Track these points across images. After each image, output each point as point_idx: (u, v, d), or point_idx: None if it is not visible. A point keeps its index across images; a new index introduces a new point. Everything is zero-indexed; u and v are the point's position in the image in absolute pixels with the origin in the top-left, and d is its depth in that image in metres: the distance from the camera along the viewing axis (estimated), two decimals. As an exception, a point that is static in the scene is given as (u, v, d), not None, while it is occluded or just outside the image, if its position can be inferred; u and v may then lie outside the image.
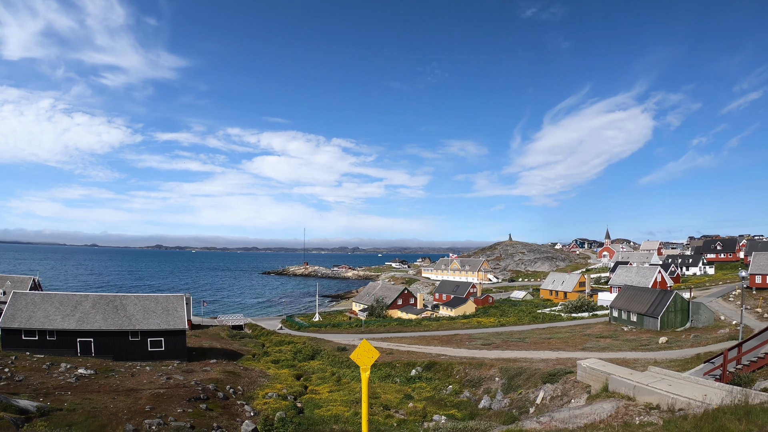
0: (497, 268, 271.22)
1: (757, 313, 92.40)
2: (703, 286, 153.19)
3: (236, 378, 56.82)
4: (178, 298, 71.34)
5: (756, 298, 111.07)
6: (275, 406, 46.68)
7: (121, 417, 35.54)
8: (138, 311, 66.80)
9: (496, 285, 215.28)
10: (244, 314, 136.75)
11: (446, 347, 79.41)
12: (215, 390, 48.79)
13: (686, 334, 78.61)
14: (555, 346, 74.03)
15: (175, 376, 52.60)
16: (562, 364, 52.64)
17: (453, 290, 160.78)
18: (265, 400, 49.16)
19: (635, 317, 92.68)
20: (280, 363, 72.45)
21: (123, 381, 49.42)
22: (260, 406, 46.89)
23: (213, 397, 46.60)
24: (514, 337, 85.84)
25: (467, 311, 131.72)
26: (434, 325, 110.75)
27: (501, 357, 66.22)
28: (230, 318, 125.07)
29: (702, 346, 64.11)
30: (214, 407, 43.45)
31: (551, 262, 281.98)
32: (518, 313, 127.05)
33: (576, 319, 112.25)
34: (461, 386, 58.88)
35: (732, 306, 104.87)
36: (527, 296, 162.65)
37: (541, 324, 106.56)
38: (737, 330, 61.04)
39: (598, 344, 73.58)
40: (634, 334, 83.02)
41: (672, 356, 57.80)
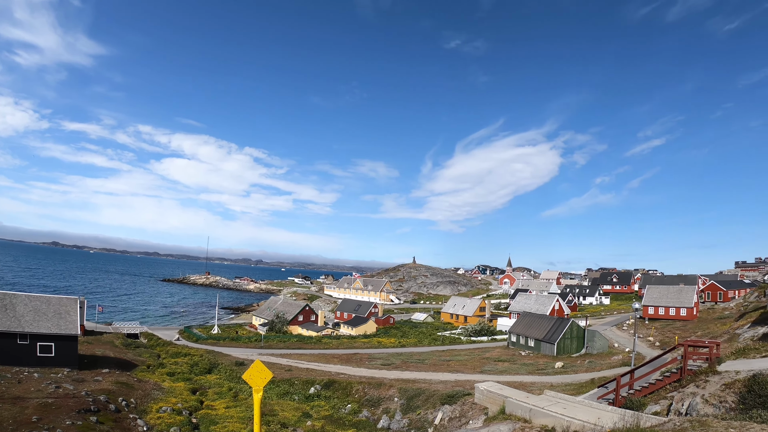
0: (400, 289, 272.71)
1: (649, 341, 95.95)
2: (598, 315, 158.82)
3: (129, 390, 54.22)
4: (71, 301, 67.42)
5: (648, 328, 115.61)
6: (169, 421, 44.78)
7: (6, 427, 33.27)
8: (28, 312, 62.33)
9: (398, 306, 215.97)
10: (140, 322, 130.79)
11: (346, 366, 78.61)
12: (107, 402, 46.39)
13: (581, 360, 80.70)
14: (454, 368, 74.45)
15: (64, 385, 49.73)
16: (460, 386, 52.82)
17: (355, 309, 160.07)
18: (159, 414, 47.03)
19: (533, 342, 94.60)
20: (176, 376, 69.52)
21: (9, 388, 46.32)
22: (154, 421, 44.83)
23: (104, 409, 44.25)
24: (414, 358, 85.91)
25: (368, 331, 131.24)
26: (335, 343, 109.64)
27: (400, 377, 66.00)
28: (126, 325, 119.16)
29: (596, 372, 65.79)
30: (105, 420, 41.21)
31: (453, 287, 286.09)
32: (419, 334, 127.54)
33: (475, 343, 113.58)
34: (360, 405, 58.22)
35: (626, 334, 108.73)
36: (428, 318, 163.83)
37: (441, 346, 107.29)
38: (630, 357, 62.96)
39: (497, 367, 74.51)
40: (532, 359, 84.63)
41: (567, 380, 58.98)
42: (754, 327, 71.58)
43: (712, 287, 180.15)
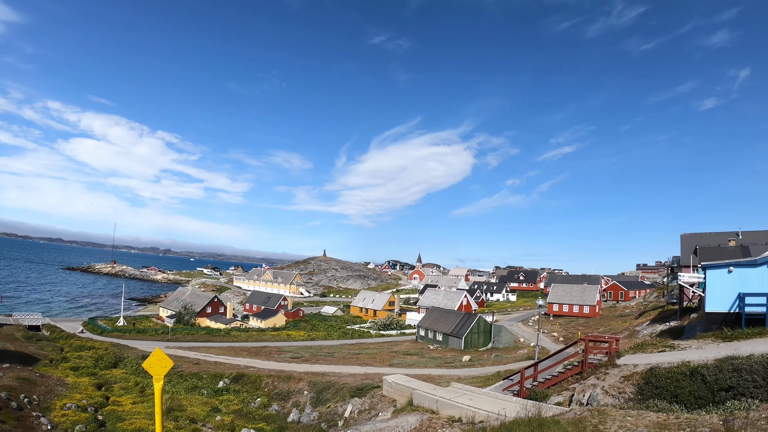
0: (310, 282, 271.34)
1: (553, 337, 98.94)
2: (505, 311, 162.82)
3: (32, 386, 51.78)
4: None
5: (553, 324, 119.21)
6: (74, 418, 42.92)
7: None
8: None
9: (308, 299, 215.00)
10: (42, 314, 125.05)
11: (255, 359, 77.65)
12: (8, 399, 44.11)
13: (488, 354, 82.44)
14: (363, 361, 74.70)
15: (-39, 382, 47.21)
16: (369, 379, 53.06)
17: (264, 301, 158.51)
18: (64, 411, 44.98)
19: (441, 337, 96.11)
20: (80, 370, 66.75)
21: None
22: (58, 419, 42.86)
23: (6, 407, 42.05)
24: (324, 352, 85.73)
25: (277, 323, 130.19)
26: (243, 336, 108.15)
27: (310, 371, 65.74)
28: (27, 317, 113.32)
29: (502, 365, 67.34)
30: (7, 419, 39.19)
31: (363, 281, 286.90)
32: (328, 328, 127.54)
33: (384, 337, 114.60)
34: (270, 399, 57.66)
35: (531, 330, 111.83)
36: (338, 312, 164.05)
37: (351, 340, 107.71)
38: (534, 351, 64.68)
39: (405, 361, 75.22)
40: (440, 353, 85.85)
41: (474, 373, 60.11)
42: (652, 324, 74.82)
43: (615, 287, 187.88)
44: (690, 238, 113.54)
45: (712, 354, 27.89)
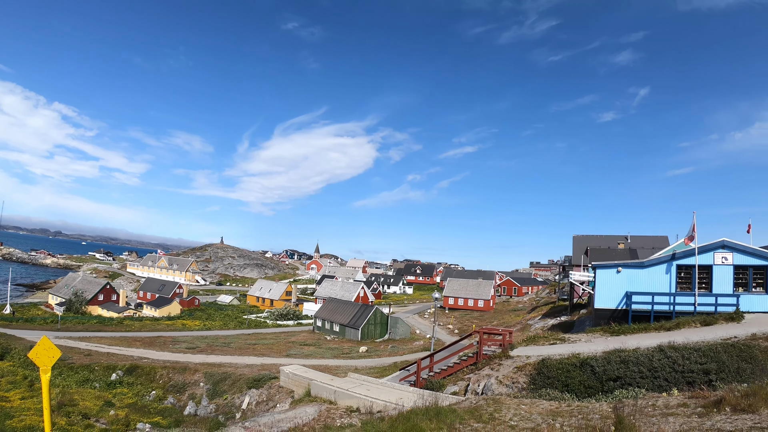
0: (206, 270, 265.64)
1: (449, 329, 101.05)
2: (402, 303, 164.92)
3: None
4: None
5: (448, 317, 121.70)
6: (-41, 417, 40.58)
7: None
8: None
9: (204, 287, 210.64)
10: None
11: (149, 350, 75.24)
12: None
13: (385, 345, 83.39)
14: (260, 351, 73.98)
15: None
16: (267, 370, 52.61)
17: (159, 289, 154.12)
18: (-53, 410, 42.48)
19: (338, 328, 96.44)
20: (-37, 365, 63.13)
21: None
22: (-60, 419, 40.41)
23: None
24: (220, 342, 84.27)
25: (172, 312, 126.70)
26: (137, 325, 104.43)
27: (206, 361, 64.45)
28: None
29: (399, 356, 68.28)
30: None
31: (260, 270, 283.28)
32: (224, 317, 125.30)
33: (281, 327, 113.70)
34: (165, 392, 56.07)
35: (427, 322, 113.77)
36: (234, 301, 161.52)
37: (247, 330, 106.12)
38: (430, 342, 65.82)
39: (302, 351, 75.03)
40: (337, 343, 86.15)
41: (371, 364, 60.68)
42: (544, 319, 77.45)
43: (508, 283, 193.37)
44: (582, 239, 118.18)
45: (600, 347, 29.21)
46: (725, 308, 38.81)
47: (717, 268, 41.31)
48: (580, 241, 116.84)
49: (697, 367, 24.92)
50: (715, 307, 39.22)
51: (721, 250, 41.49)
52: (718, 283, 40.96)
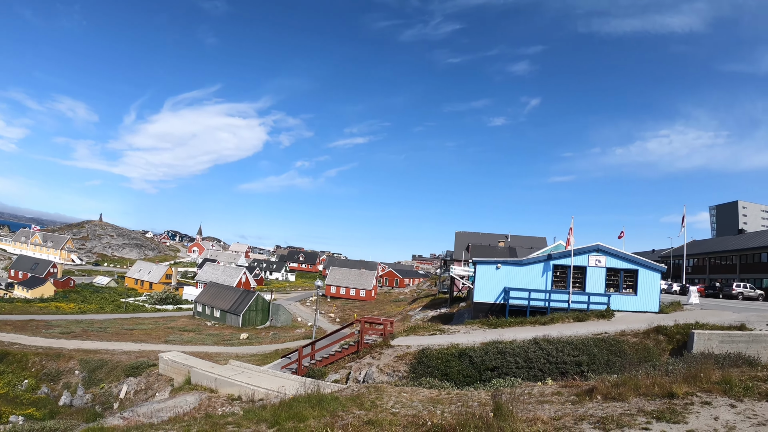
0: (83, 248, 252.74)
1: (330, 317, 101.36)
2: (284, 290, 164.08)
3: None
4: None
5: (330, 305, 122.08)
6: None
7: None
8: None
9: (80, 267, 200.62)
10: None
11: (21, 334, 70.75)
12: None
13: (266, 332, 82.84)
14: (138, 337, 71.58)
15: None
16: (145, 357, 51.06)
17: (32, 268, 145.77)
18: None
19: (219, 313, 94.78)
20: None
21: None
22: None
23: None
24: (96, 327, 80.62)
25: (45, 294, 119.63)
26: (8, 307, 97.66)
27: (81, 347, 61.45)
28: None
29: (280, 343, 67.95)
30: None
31: (140, 250, 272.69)
32: (101, 300, 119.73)
33: (161, 312, 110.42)
34: (38, 381, 52.93)
35: (309, 310, 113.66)
36: (112, 283, 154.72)
37: (125, 314, 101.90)
38: (312, 330, 65.82)
39: (182, 338, 73.35)
40: (218, 330, 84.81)
41: (253, 351, 60.10)
42: (425, 310, 78.95)
43: (391, 274, 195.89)
44: (464, 235, 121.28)
45: (479, 338, 30.12)
46: (597, 306, 41.27)
47: (591, 270, 43.88)
48: (463, 237, 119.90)
49: (570, 359, 26.26)
50: (588, 305, 41.62)
51: (596, 253, 44.02)
52: (591, 284, 43.62)
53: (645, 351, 28.60)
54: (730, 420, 11.23)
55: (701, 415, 11.60)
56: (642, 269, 44.26)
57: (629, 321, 36.20)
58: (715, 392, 13.38)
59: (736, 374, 15.42)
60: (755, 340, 28.87)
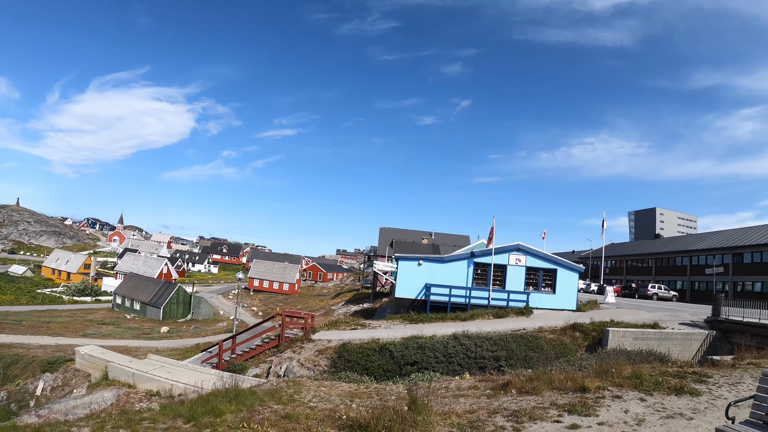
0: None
1: (253, 311, 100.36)
2: (206, 282, 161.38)
3: None
4: None
5: (253, 299, 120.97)
6: None
7: None
8: None
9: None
10: None
11: (-72, 329, 67.25)
12: None
13: (187, 326, 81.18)
14: (55, 331, 68.79)
15: None
16: (62, 351, 49.09)
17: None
18: None
19: (139, 306, 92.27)
20: None
21: None
22: None
23: None
24: (10, 319, 76.94)
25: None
26: None
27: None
28: None
29: (201, 337, 66.76)
30: None
31: (58, 238, 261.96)
32: (16, 291, 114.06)
33: (79, 303, 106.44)
34: (-54, 378, 50.30)
35: (231, 303, 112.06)
36: (28, 272, 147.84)
37: (41, 305, 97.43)
38: (234, 324, 64.96)
39: (101, 331, 71.02)
40: (137, 323, 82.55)
41: (173, 345, 58.81)
42: (347, 305, 78.97)
43: (314, 268, 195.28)
44: (388, 231, 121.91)
45: (399, 333, 30.25)
46: (517, 304, 42.26)
47: (511, 268, 44.98)
48: (387, 233, 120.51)
49: (489, 354, 26.63)
50: (508, 303, 42.57)
51: (516, 252, 45.03)
52: (512, 282, 44.76)
53: (562, 347, 29.34)
54: (640, 413, 11.59)
55: (612, 408, 11.92)
56: (561, 269, 45.59)
57: (547, 318, 37.05)
58: (626, 387, 13.83)
59: (647, 370, 16.02)
60: (667, 338, 30.14)
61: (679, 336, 31.29)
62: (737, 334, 30.28)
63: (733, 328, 31.41)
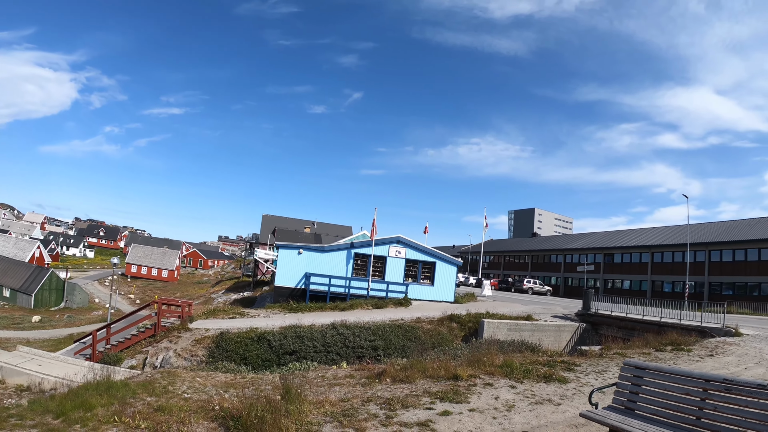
0: None
1: (130, 298, 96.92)
2: (81, 268, 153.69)
3: None
4: None
5: (130, 285, 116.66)
6: None
7: None
8: None
9: None
10: None
11: None
12: None
13: (61, 314, 77.30)
14: None
15: None
16: None
17: None
18: None
19: (9, 293, 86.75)
20: None
21: None
22: None
23: None
24: None
25: None
26: None
27: None
28: None
29: (76, 327, 63.76)
30: None
31: None
32: None
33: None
34: None
35: (107, 290, 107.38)
36: None
37: None
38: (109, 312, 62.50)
39: (-37, 320, 66.65)
40: (7, 311, 77.69)
41: (46, 336, 55.93)
42: (227, 293, 77.78)
43: (195, 255, 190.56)
44: (271, 219, 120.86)
45: (278, 322, 30.00)
46: (396, 295, 43.05)
47: (391, 260, 45.79)
48: (270, 220, 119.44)
49: (367, 344, 26.89)
50: (387, 293, 43.35)
51: (396, 244, 45.74)
52: (391, 273, 45.60)
53: (439, 337, 30.07)
54: (510, 399, 11.95)
55: (483, 395, 12.23)
56: (440, 262, 46.78)
57: (425, 309, 37.87)
58: (498, 375, 14.28)
59: (518, 359, 16.66)
60: (539, 329, 31.56)
61: (551, 328, 32.83)
62: (605, 327, 32.21)
63: (602, 321, 33.36)
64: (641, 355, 18.91)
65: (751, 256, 71.40)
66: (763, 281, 69.00)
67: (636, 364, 9.14)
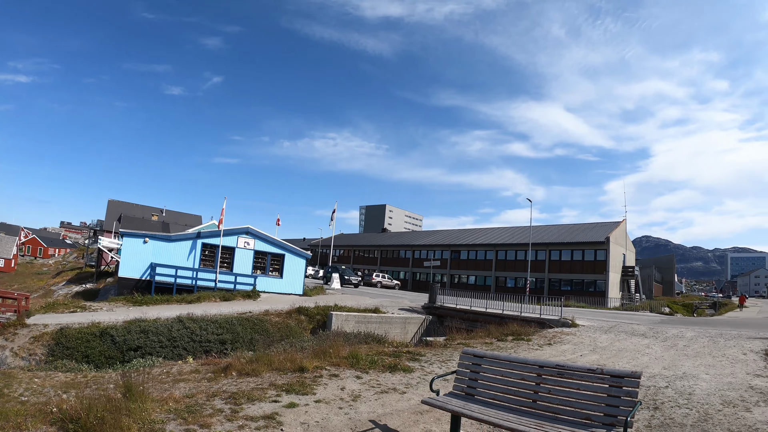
0: None
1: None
2: None
3: None
4: None
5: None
6: None
7: None
8: None
9: None
10: None
11: None
12: None
13: None
14: None
15: None
16: None
17: None
18: None
19: None
20: None
21: None
22: None
23: None
24: None
25: None
26: None
27: None
28: None
29: None
30: None
31: None
32: None
33: None
34: None
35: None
36: None
37: None
38: (-66, 308, 57.32)
39: None
40: None
41: None
42: (69, 285, 73.46)
43: (35, 242, 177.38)
44: (117, 205, 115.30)
45: (122, 316, 28.82)
46: (244, 287, 42.54)
47: (239, 251, 45.14)
48: (116, 206, 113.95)
49: (214, 338, 26.38)
50: (235, 285, 42.73)
51: (245, 235, 45.16)
52: (240, 264, 44.94)
53: (287, 330, 30.08)
54: (356, 389, 12.21)
55: (329, 386, 12.41)
56: (288, 254, 46.73)
57: (274, 302, 37.75)
58: (344, 366, 14.54)
59: (364, 350, 17.05)
60: (386, 321, 32.36)
61: (398, 320, 33.75)
62: (450, 319, 33.58)
63: (447, 313, 34.75)
64: (483, 344, 19.95)
65: (588, 257, 78.32)
66: (597, 278, 75.84)
67: (474, 352, 9.64)
